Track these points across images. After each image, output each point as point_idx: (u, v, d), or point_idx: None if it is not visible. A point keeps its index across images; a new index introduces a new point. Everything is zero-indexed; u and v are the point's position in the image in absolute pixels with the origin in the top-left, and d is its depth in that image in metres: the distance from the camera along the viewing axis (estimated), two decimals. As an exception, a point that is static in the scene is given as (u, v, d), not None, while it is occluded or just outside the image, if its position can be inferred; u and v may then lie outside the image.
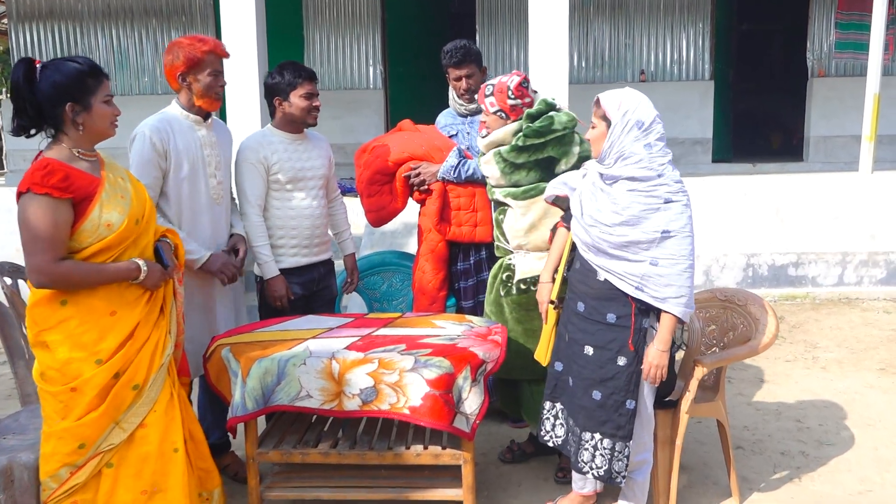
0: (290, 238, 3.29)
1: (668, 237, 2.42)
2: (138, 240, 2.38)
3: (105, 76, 2.33)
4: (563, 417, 2.70)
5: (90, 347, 2.26)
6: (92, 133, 2.30)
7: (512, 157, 3.04)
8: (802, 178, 6.98)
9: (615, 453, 2.55)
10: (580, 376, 2.60)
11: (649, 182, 2.42)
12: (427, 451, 2.70)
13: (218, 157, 3.04)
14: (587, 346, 2.58)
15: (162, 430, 2.38)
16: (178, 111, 2.97)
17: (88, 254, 2.26)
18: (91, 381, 2.26)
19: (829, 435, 3.63)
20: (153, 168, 2.84)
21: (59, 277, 2.21)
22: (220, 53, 2.98)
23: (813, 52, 9.26)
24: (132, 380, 2.32)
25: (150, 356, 2.37)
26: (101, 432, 2.29)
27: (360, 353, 2.60)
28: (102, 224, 2.25)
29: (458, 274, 3.62)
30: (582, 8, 9.22)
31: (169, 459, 2.39)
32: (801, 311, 5.85)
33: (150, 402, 2.37)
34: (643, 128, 2.41)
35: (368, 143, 3.74)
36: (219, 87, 2.98)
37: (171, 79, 2.95)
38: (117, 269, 2.30)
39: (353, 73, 9.60)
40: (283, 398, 2.60)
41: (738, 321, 3.04)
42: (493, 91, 3.06)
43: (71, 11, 9.70)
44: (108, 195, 2.28)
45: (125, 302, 2.33)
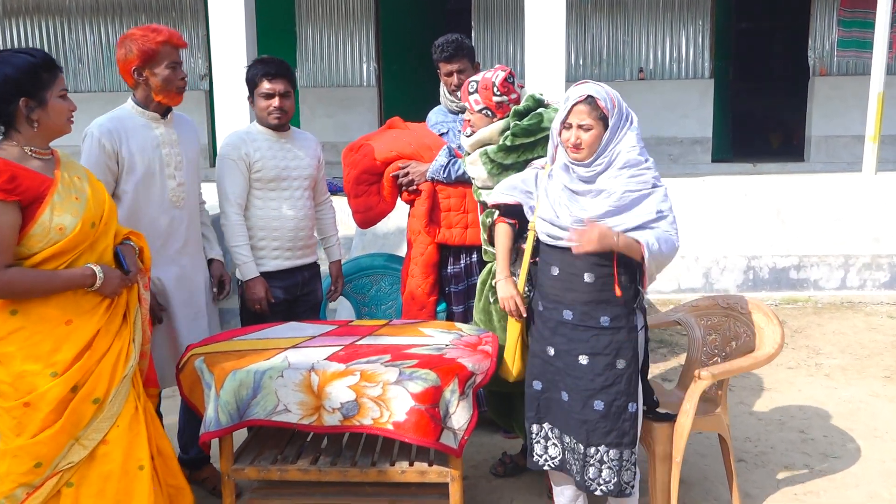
0: (273, 240, 3.15)
1: (663, 217, 2.39)
2: (95, 244, 2.22)
3: (60, 69, 2.19)
4: (554, 437, 2.55)
5: (44, 359, 2.11)
6: (47, 130, 2.16)
7: (500, 157, 2.89)
8: (804, 178, 6.85)
9: (623, 463, 2.43)
10: (576, 389, 2.46)
11: (639, 166, 2.39)
12: (413, 467, 2.56)
13: (179, 157, 2.83)
14: (581, 356, 2.44)
15: (125, 446, 2.23)
16: (132, 109, 2.77)
17: (39, 260, 2.11)
18: (46, 396, 2.11)
19: (834, 447, 3.50)
20: (102, 171, 2.66)
21: (5, 286, 2.06)
22: (176, 43, 2.76)
23: (815, 49, 9.12)
24: (92, 393, 2.17)
25: (111, 367, 2.22)
26: (59, 450, 2.14)
27: (342, 364, 2.45)
28: (54, 228, 2.10)
29: (449, 278, 3.48)
30: (580, 5, 9.08)
31: (134, 477, 2.25)
32: (802, 316, 5.71)
33: (113, 417, 2.22)
34: (629, 117, 2.43)
35: (356, 142, 3.60)
36: (179, 80, 2.76)
37: (125, 74, 2.73)
38: (70, 277, 2.15)
39: (347, 70, 9.46)
40: (259, 412, 2.45)
41: (742, 330, 2.90)
42: (478, 88, 2.91)
43: (59, 7, 9.54)
44: (62, 197, 2.13)
45: (82, 310, 2.18)
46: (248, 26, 5.87)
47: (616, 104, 2.38)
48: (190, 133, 2.97)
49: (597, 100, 2.35)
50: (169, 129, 2.83)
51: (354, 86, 9.48)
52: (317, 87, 9.44)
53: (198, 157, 3.00)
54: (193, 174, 2.93)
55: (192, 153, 2.93)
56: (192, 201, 2.92)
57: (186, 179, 2.87)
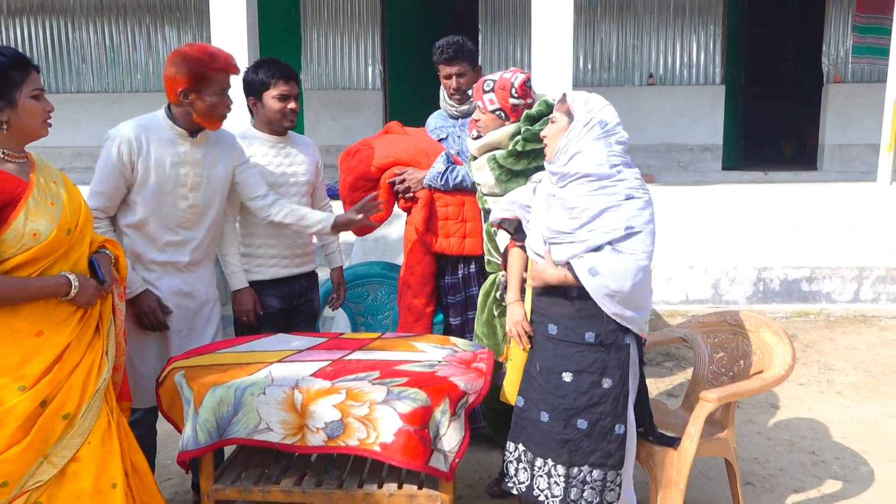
0: (269, 248, 3.05)
1: (632, 233, 2.25)
2: (70, 252, 2.12)
3: (34, 68, 2.08)
4: (525, 461, 2.43)
5: (12, 372, 2.00)
6: (18, 132, 2.05)
7: (509, 162, 2.78)
8: (817, 188, 6.69)
9: (606, 483, 2.33)
10: (559, 408, 2.35)
11: (608, 179, 2.27)
12: (401, 490, 2.43)
13: (198, 177, 2.69)
14: (565, 373, 2.34)
15: (97, 463, 2.12)
16: (162, 119, 2.66)
17: (10, 266, 2.00)
18: (13, 411, 1.99)
19: (846, 470, 3.35)
20: (115, 177, 2.58)
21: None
22: (230, 70, 2.65)
23: (829, 56, 8.95)
24: (62, 408, 2.06)
25: (82, 381, 2.10)
26: (27, 468, 2.02)
27: (327, 381, 2.33)
28: (27, 233, 2.00)
29: (446, 289, 3.37)
30: (589, 8, 8.96)
31: (106, 496, 2.13)
32: (814, 329, 5.56)
33: (84, 433, 2.11)
34: (605, 127, 2.30)
35: (353, 146, 3.50)
36: (224, 107, 2.65)
37: (170, 93, 2.62)
38: (43, 285, 2.04)
39: (352, 73, 9.37)
40: (240, 431, 2.33)
41: (750, 349, 2.77)
42: (494, 87, 2.81)
43: (62, 6, 9.51)
44: (36, 201, 2.03)
45: (54, 321, 2.07)
46: (249, 28, 5.80)
47: (587, 105, 2.32)
48: (222, 152, 2.79)
49: (566, 95, 2.35)
50: (195, 148, 2.69)
51: (360, 89, 9.39)
52: (321, 89, 9.36)
53: (225, 177, 2.81)
54: (213, 195, 2.76)
55: (216, 173, 2.76)
56: (205, 222, 2.77)
57: (201, 201, 2.72)
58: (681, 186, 6.90)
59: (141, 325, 2.64)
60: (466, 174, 3.13)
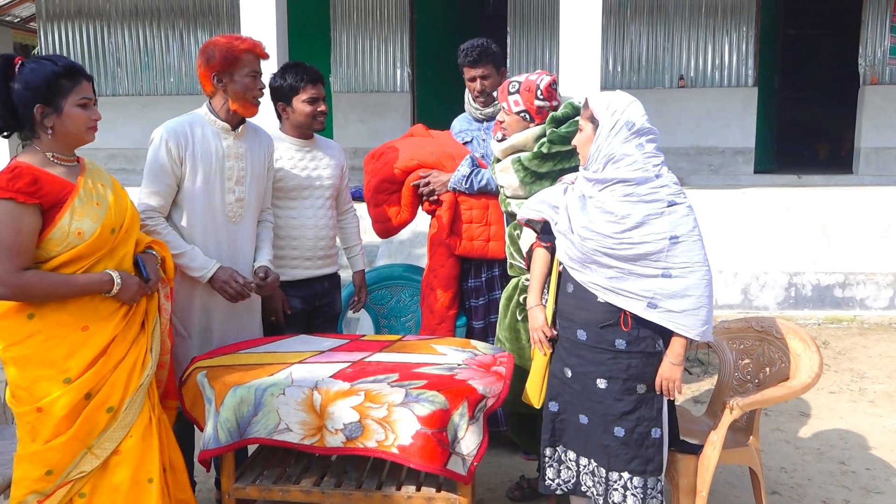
0: (292, 249, 3.08)
1: (677, 242, 2.19)
2: (115, 250, 2.20)
3: (85, 77, 2.17)
4: (568, 461, 2.42)
5: (58, 365, 2.10)
6: (64, 137, 2.14)
7: (535, 165, 2.77)
8: (851, 192, 6.55)
9: (648, 490, 2.31)
10: (596, 413, 2.33)
11: (648, 185, 2.21)
12: (420, 493, 2.43)
13: (242, 171, 2.75)
14: (599, 379, 2.31)
15: (137, 458, 2.19)
16: (206, 115, 2.74)
17: (57, 263, 2.10)
18: (58, 402, 2.09)
19: (877, 482, 3.27)
20: (166, 174, 2.63)
21: (21, 289, 2.04)
22: (259, 53, 2.74)
23: (865, 58, 8.76)
24: (106, 401, 2.15)
25: (126, 376, 2.18)
26: (72, 458, 2.12)
27: (347, 383, 2.34)
28: (73, 232, 2.09)
29: (470, 292, 3.37)
30: (618, 10, 8.88)
31: (143, 490, 2.20)
32: (847, 336, 5.44)
33: (126, 427, 2.19)
34: (633, 128, 2.24)
35: (378, 149, 3.51)
36: (257, 90, 2.73)
37: (205, 80, 2.71)
38: (88, 281, 2.12)
39: (381, 76, 9.41)
40: (260, 431, 2.35)
41: (776, 356, 2.71)
42: (520, 89, 2.78)
43: (99, 11, 9.70)
44: (82, 202, 2.12)
45: (99, 316, 2.16)
46: (279, 31, 5.84)
47: (609, 108, 2.26)
48: (261, 147, 2.86)
49: (588, 101, 2.31)
50: (238, 141, 2.76)
51: (388, 91, 9.42)
52: (350, 92, 9.41)
53: (265, 171, 2.88)
54: (256, 190, 2.83)
55: (258, 168, 2.83)
56: (249, 218, 2.83)
57: (247, 195, 2.78)
58: (711, 190, 6.81)
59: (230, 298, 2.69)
60: (491, 177, 3.12)
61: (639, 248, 2.20)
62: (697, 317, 2.21)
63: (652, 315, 2.22)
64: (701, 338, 2.24)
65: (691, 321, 2.21)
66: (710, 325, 2.25)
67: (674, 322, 2.22)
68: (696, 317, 2.21)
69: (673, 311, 2.20)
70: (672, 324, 2.22)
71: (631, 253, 2.20)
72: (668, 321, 2.22)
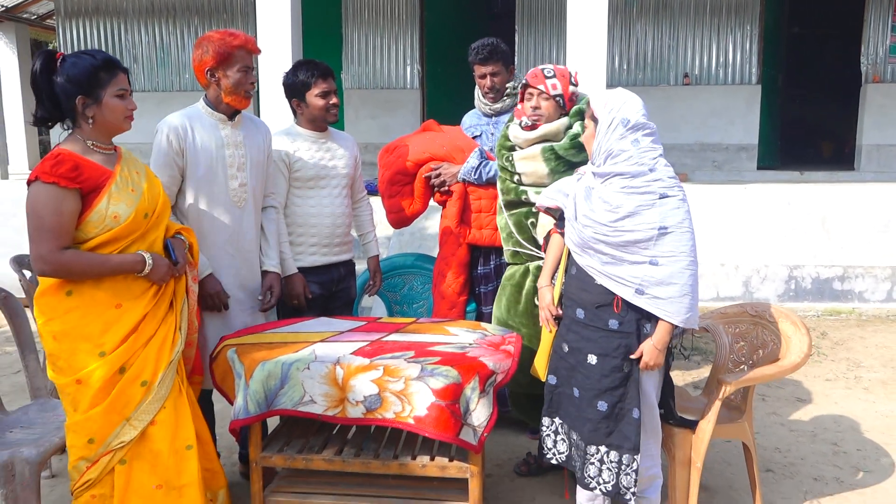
0: (310, 236, 3.24)
1: (665, 233, 2.33)
2: (147, 234, 2.37)
3: (121, 70, 2.33)
4: (563, 432, 2.59)
5: (94, 339, 2.27)
6: (103, 126, 2.30)
7: (571, 154, 2.87)
8: (851, 187, 6.69)
9: (622, 466, 2.44)
10: (584, 387, 2.49)
11: (642, 178, 2.35)
12: (433, 462, 2.61)
13: (242, 158, 2.90)
14: (591, 355, 2.47)
15: (173, 427, 2.37)
16: (203, 108, 2.90)
17: (94, 244, 2.26)
18: (95, 374, 2.26)
19: (867, 461, 3.43)
20: (169, 165, 2.79)
21: (62, 266, 2.21)
22: (251, 49, 2.87)
23: (867, 56, 8.89)
24: (139, 376, 2.31)
25: (156, 351, 2.35)
26: (111, 428, 2.29)
27: (366, 359, 2.52)
28: (109, 215, 2.25)
29: (479, 278, 3.53)
30: (624, 9, 9.02)
31: (182, 457, 2.38)
32: (845, 328, 5.59)
33: (161, 399, 2.36)
34: (628, 125, 2.37)
35: (391, 143, 3.68)
36: (248, 84, 2.86)
37: (199, 74, 2.86)
38: (122, 261, 2.29)
39: (391, 73, 9.57)
40: (286, 402, 2.53)
41: (769, 339, 2.88)
42: (556, 74, 2.87)
43: (116, 8, 9.90)
44: (118, 188, 2.29)
45: (132, 295, 2.33)
46: (293, 29, 6.01)
47: (606, 106, 2.39)
48: (257, 135, 3.01)
49: (589, 100, 2.45)
50: (235, 130, 2.91)
51: (398, 88, 9.59)
52: (361, 88, 9.58)
53: (264, 158, 3.03)
54: (257, 175, 2.98)
55: (257, 155, 2.98)
56: (254, 202, 2.99)
57: (249, 180, 2.93)
58: (713, 185, 6.95)
59: (204, 305, 2.82)
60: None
61: (628, 235, 2.33)
62: (682, 304, 2.34)
63: (640, 301, 2.36)
64: (685, 324, 2.37)
65: (675, 308, 2.34)
66: (694, 314, 2.37)
67: (660, 308, 2.35)
68: (681, 304, 2.34)
69: (659, 297, 2.34)
70: (658, 310, 2.35)
71: (621, 240, 2.35)
72: (655, 307, 2.35)
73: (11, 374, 4.60)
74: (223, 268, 2.90)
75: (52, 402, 2.87)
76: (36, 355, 2.91)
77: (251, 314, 3.01)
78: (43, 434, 2.59)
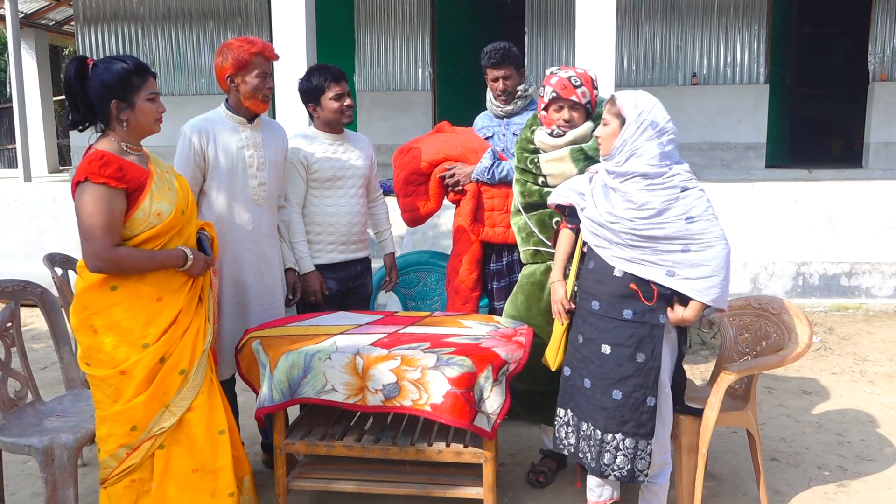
0: (328, 234, 3.35)
1: (692, 221, 2.44)
2: (183, 230, 2.49)
3: (151, 74, 2.44)
4: (573, 424, 2.69)
5: (137, 332, 2.37)
6: (136, 129, 2.42)
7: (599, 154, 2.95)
8: (857, 185, 6.75)
9: (638, 452, 2.54)
10: (598, 376, 2.58)
11: (660, 177, 2.46)
12: (449, 448, 2.73)
13: (262, 159, 3.04)
14: (604, 345, 2.57)
15: (207, 413, 2.49)
16: (223, 112, 3.04)
17: (139, 241, 2.38)
18: (139, 365, 2.37)
19: (870, 451, 3.52)
20: (192, 166, 2.92)
21: (115, 262, 2.32)
22: (268, 56, 3.00)
23: (875, 55, 8.94)
24: (178, 365, 2.43)
25: (192, 342, 2.47)
26: (152, 415, 2.40)
27: (385, 349, 2.64)
28: (153, 213, 2.37)
29: (492, 275, 3.62)
30: (633, 10, 9.11)
31: (217, 441, 2.51)
32: (852, 323, 5.66)
33: (197, 387, 2.48)
34: (657, 128, 2.47)
35: (406, 144, 3.78)
36: (266, 89, 3.00)
37: (220, 80, 3.01)
38: (166, 256, 2.42)
39: (403, 75, 9.70)
40: (308, 391, 2.65)
41: (772, 330, 2.98)
42: (582, 82, 2.94)
43: (133, 14, 10.08)
44: (158, 186, 2.40)
45: (171, 289, 2.44)
46: (308, 33, 6.14)
47: (636, 108, 2.48)
48: (275, 138, 3.16)
49: (615, 98, 2.53)
50: (255, 133, 3.05)
51: (410, 90, 9.71)
52: (374, 90, 9.71)
53: (281, 160, 3.18)
54: (275, 176, 3.12)
55: (275, 156, 3.12)
56: (272, 201, 3.13)
57: (267, 180, 3.07)
58: (723, 184, 7.03)
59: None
60: (511, 169, 3.37)
61: (659, 230, 2.45)
62: (712, 284, 2.44)
63: (670, 282, 2.46)
64: (715, 304, 2.46)
65: (704, 286, 2.44)
66: (724, 294, 2.46)
67: (690, 288, 2.45)
68: (711, 284, 2.44)
69: (690, 278, 2.44)
70: (689, 290, 2.45)
71: (653, 234, 2.46)
72: (685, 288, 2.45)
73: (39, 369, 4.76)
74: (245, 264, 3.03)
75: (85, 393, 3.01)
76: (70, 348, 3.05)
77: (269, 308, 3.14)
78: (78, 422, 2.73)
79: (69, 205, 5.54)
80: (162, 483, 2.43)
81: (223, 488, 2.50)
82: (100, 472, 2.44)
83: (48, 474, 2.51)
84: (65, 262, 3.47)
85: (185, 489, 2.45)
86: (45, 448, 2.51)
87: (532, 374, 2.94)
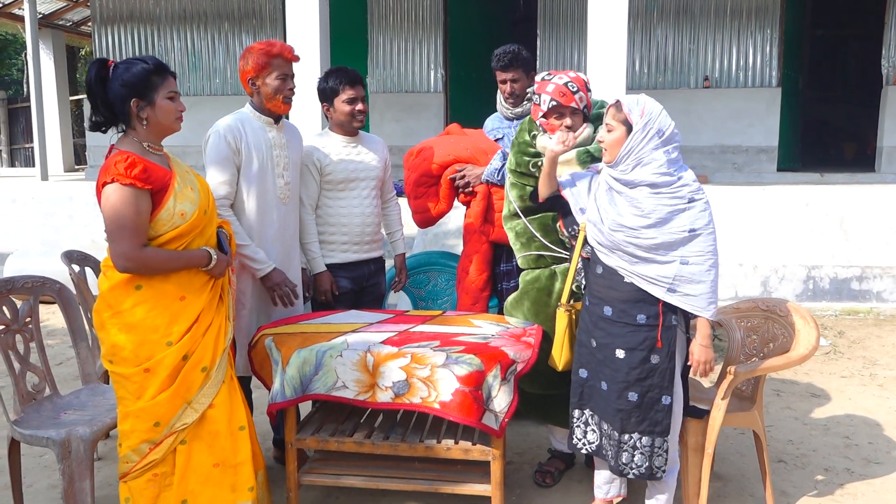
0: (342, 235, 3.40)
1: (695, 235, 2.48)
2: (205, 229, 2.53)
3: (170, 73, 2.47)
4: (594, 423, 2.72)
5: (162, 330, 2.40)
6: (156, 127, 2.44)
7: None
8: (869, 189, 6.74)
9: (655, 449, 2.58)
10: (614, 380, 2.62)
11: (668, 186, 2.49)
12: (457, 445, 2.76)
13: (286, 159, 3.11)
14: (618, 350, 2.60)
15: (228, 409, 2.53)
16: (250, 112, 3.10)
17: (164, 241, 2.41)
18: (163, 363, 2.40)
19: (878, 453, 3.53)
20: (229, 164, 2.98)
21: (143, 262, 2.35)
22: (287, 57, 3.05)
23: (888, 58, 8.90)
24: (200, 362, 2.46)
25: (214, 340, 2.50)
26: (174, 412, 2.43)
27: (395, 347, 2.68)
28: (177, 213, 2.40)
29: (501, 275, 3.65)
30: (645, 13, 9.12)
31: (237, 437, 2.54)
32: (862, 327, 5.66)
33: (218, 384, 2.51)
34: (663, 136, 2.49)
35: (417, 146, 3.82)
36: (287, 90, 3.05)
37: (244, 83, 3.09)
38: (191, 256, 2.45)
39: (415, 77, 9.75)
40: (320, 387, 2.70)
41: (780, 332, 3.00)
42: (578, 88, 2.95)
43: (149, 15, 10.19)
44: (181, 186, 2.44)
45: (194, 288, 2.48)
46: (322, 34, 6.20)
47: (644, 114, 2.49)
48: (295, 139, 3.25)
49: (622, 104, 2.53)
50: (280, 133, 3.13)
51: (422, 92, 9.76)
52: (386, 92, 9.77)
53: (300, 160, 3.26)
54: (297, 175, 3.22)
55: (296, 157, 3.21)
56: (295, 200, 3.22)
57: (292, 179, 3.16)
58: (734, 187, 7.04)
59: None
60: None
61: (660, 238, 2.49)
62: (710, 300, 2.51)
63: (671, 298, 2.51)
64: (713, 317, 2.54)
65: (704, 303, 2.50)
66: (717, 305, 2.55)
67: (690, 304, 2.50)
68: (709, 300, 2.51)
69: (690, 294, 2.50)
70: (689, 306, 2.51)
71: (653, 243, 2.49)
72: (686, 304, 2.51)
73: (55, 365, 4.83)
74: (273, 258, 3.09)
75: (101, 387, 3.08)
76: (87, 343, 3.12)
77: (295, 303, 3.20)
78: (95, 415, 2.79)
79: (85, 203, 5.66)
80: (183, 477, 2.46)
81: (243, 483, 2.54)
82: (119, 467, 2.47)
83: (65, 466, 2.57)
84: (82, 259, 3.54)
85: (206, 483, 2.48)
86: (62, 440, 2.56)
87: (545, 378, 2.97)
